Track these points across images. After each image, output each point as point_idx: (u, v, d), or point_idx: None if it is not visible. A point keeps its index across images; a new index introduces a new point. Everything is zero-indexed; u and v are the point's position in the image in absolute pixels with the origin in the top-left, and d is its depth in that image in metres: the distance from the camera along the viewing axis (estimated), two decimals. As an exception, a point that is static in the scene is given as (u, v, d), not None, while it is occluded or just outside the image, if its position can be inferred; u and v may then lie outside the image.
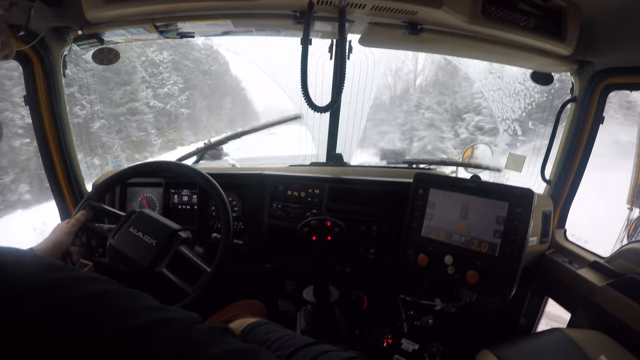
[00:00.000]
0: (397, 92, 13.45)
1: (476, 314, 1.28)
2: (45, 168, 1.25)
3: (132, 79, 9.90)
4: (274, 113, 19.02)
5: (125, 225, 0.98)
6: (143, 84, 10.26)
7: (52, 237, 0.94)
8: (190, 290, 0.93)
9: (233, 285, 1.23)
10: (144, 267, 0.93)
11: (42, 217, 5.58)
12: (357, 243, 1.22)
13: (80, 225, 0.98)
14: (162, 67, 10.83)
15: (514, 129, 6.38)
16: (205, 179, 1.05)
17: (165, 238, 0.96)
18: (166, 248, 0.95)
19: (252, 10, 1.02)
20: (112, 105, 9.23)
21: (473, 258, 0.99)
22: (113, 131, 9.02)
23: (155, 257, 0.94)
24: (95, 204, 1.04)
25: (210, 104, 13.26)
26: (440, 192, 1.07)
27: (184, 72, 11.55)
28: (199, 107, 12.41)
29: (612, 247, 1.82)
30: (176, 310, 0.39)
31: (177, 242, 0.97)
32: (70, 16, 0.99)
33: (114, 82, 9.32)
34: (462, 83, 11.03)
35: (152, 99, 10.38)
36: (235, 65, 13.99)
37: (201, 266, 0.96)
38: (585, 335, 1.04)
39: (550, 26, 1.03)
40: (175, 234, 0.98)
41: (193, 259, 0.97)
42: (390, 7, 0.91)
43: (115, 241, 0.96)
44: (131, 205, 1.39)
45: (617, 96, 5.48)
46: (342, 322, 1.16)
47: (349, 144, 1.92)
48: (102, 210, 1.05)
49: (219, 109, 13.71)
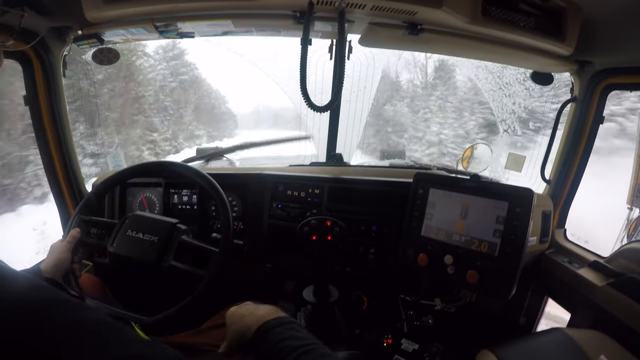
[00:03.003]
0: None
1: (476, 314, 1.28)
2: (45, 168, 1.25)
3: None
4: (270, 111, 18.61)
5: (122, 230, 0.98)
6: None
7: (51, 258, 0.92)
8: (204, 272, 0.94)
9: (233, 285, 1.23)
10: (150, 266, 0.94)
11: (43, 217, 5.59)
12: (357, 243, 1.22)
13: (75, 242, 0.97)
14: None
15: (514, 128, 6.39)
16: (205, 179, 1.05)
17: (165, 233, 0.97)
18: (169, 242, 0.96)
19: (252, 10, 1.02)
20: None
21: (473, 258, 0.99)
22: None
23: (160, 252, 0.94)
24: (86, 218, 1.03)
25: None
26: (440, 192, 1.07)
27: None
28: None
29: (612, 246, 1.82)
30: (160, 346, 0.38)
31: (178, 234, 0.98)
32: (70, 16, 0.99)
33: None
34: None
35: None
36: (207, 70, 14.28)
37: (208, 248, 0.97)
38: (585, 335, 1.03)
39: (550, 26, 1.03)
40: (174, 227, 0.98)
41: (199, 244, 0.99)
42: (390, 7, 0.91)
43: (115, 248, 0.96)
44: (131, 205, 1.39)
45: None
46: (342, 322, 1.17)
47: (348, 144, 1.92)
48: (95, 222, 1.04)
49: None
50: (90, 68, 1.38)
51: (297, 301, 1.23)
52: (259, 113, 19.67)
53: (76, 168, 1.31)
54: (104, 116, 9.04)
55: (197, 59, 14.31)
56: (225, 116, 17.62)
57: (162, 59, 13.10)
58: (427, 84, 12.83)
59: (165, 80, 12.87)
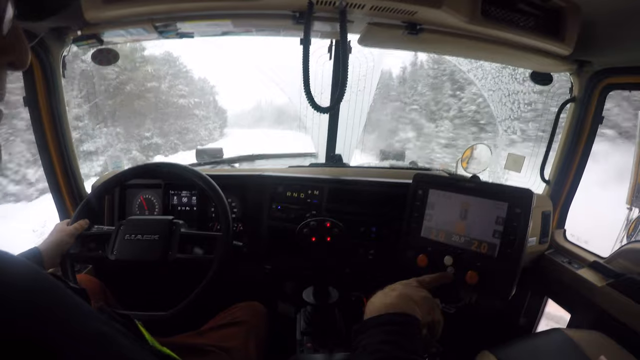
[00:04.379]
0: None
1: (476, 314, 1.28)
2: (44, 168, 1.25)
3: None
4: (263, 110, 18.15)
5: (119, 236, 0.98)
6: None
7: (53, 238, 0.95)
8: (213, 256, 0.96)
9: (233, 286, 1.23)
10: (156, 263, 0.95)
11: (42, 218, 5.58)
12: (356, 244, 1.22)
13: (82, 230, 0.99)
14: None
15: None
16: (205, 180, 1.05)
17: (164, 229, 0.98)
18: (170, 237, 0.97)
19: (252, 10, 1.02)
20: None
21: (472, 258, 0.99)
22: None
23: (163, 248, 0.95)
24: (83, 233, 1.02)
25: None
26: (439, 193, 1.07)
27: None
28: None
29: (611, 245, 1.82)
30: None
31: (177, 228, 0.99)
32: (69, 17, 0.99)
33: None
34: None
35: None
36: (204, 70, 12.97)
37: (212, 234, 1.01)
38: (585, 335, 1.03)
39: (549, 26, 1.03)
40: (172, 223, 1.00)
41: (201, 232, 1.02)
42: (390, 7, 0.91)
43: (117, 255, 0.96)
44: (130, 207, 1.38)
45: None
46: (341, 323, 1.16)
47: (348, 144, 1.92)
48: (91, 236, 1.04)
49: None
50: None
51: (297, 302, 1.23)
52: (249, 113, 19.14)
53: (76, 169, 1.31)
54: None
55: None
56: (194, 123, 15.30)
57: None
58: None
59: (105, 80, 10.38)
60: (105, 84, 10.91)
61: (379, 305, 0.59)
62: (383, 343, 0.51)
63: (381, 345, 0.51)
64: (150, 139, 12.45)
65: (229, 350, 0.95)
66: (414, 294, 0.64)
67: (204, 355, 0.93)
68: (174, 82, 14.31)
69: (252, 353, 1.00)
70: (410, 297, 0.62)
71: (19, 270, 0.29)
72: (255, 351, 1.01)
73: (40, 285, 0.30)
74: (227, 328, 1.04)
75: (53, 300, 0.29)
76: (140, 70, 12.27)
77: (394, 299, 0.61)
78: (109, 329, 0.32)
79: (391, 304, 0.59)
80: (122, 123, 11.38)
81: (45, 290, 0.30)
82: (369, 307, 0.61)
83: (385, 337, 0.52)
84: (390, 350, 0.50)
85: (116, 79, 11.20)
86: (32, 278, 0.30)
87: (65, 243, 0.95)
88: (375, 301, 0.63)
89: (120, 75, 11.42)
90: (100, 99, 10.33)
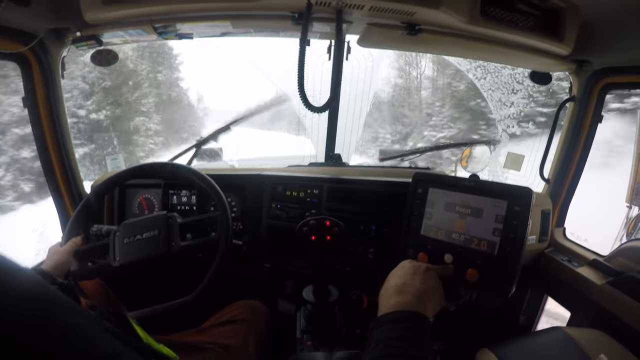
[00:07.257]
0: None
1: (476, 312, 1.29)
2: (43, 169, 1.25)
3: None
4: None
5: (117, 242, 0.97)
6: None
7: (50, 262, 0.91)
8: (217, 234, 0.99)
9: (232, 285, 1.23)
10: (162, 256, 0.95)
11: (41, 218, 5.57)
12: (356, 243, 1.22)
13: (76, 247, 0.96)
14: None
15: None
16: (205, 180, 1.05)
17: (162, 224, 0.98)
18: (170, 228, 0.98)
19: (251, 11, 1.02)
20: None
21: (472, 256, 0.99)
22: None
23: (166, 240, 0.96)
24: (80, 248, 0.99)
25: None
26: (439, 191, 1.07)
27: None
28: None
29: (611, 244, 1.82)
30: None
31: (174, 220, 1.00)
32: (68, 17, 0.99)
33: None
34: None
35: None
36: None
37: (210, 215, 1.04)
38: (585, 333, 1.04)
39: (548, 26, 1.03)
40: (167, 216, 1.00)
41: (200, 217, 1.06)
42: (388, 8, 0.91)
43: (120, 260, 0.95)
44: (130, 207, 1.38)
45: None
46: (341, 321, 1.16)
47: (347, 144, 1.92)
48: (90, 249, 1.01)
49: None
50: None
51: (297, 301, 1.23)
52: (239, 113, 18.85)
53: (75, 169, 1.31)
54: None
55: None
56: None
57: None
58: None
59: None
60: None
61: (394, 303, 0.64)
62: (398, 339, 0.54)
63: (396, 342, 0.53)
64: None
65: (229, 348, 0.95)
66: (427, 289, 0.70)
67: (203, 353, 0.93)
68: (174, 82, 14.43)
69: (252, 351, 1.00)
70: (424, 294, 0.68)
71: (26, 281, 0.30)
72: (255, 349, 1.02)
73: (45, 297, 0.31)
74: (227, 326, 1.04)
75: (54, 314, 0.30)
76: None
77: (408, 297, 0.65)
78: (122, 349, 0.33)
79: (406, 302, 0.63)
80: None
81: (48, 302, 0.31)
82: (383, 294, 0.69)
83: (400, 333, 0.55)
84: (406, 348, 0.52)
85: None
86: (38, 291, 0.31)
87: (64, 263, 0.91)
88: (390, 289, 0.70)
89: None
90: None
